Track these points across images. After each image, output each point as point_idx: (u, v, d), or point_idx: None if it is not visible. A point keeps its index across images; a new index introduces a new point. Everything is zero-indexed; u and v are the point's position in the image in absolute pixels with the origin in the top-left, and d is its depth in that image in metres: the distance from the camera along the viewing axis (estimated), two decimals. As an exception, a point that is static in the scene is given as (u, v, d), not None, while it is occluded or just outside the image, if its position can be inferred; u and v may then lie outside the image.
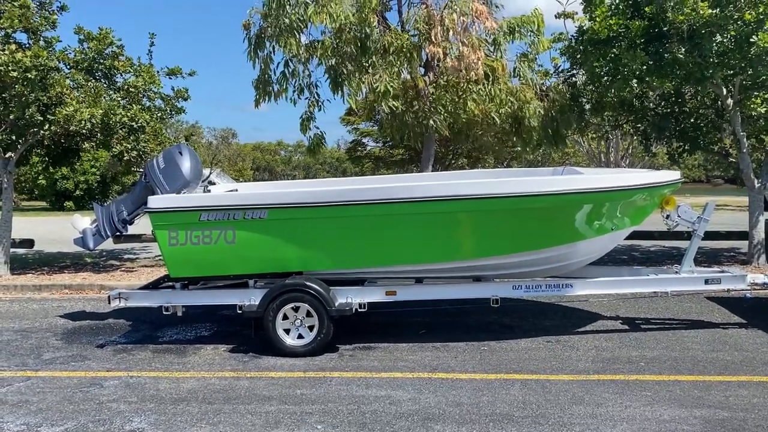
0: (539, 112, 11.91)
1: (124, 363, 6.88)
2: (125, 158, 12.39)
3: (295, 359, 6.81)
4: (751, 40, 9.42)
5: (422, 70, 11.81)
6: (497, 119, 11.59)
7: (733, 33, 9.59)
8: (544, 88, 12.80)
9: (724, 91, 11.12)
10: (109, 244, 10.46)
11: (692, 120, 12.41)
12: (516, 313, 8.57)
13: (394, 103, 10.94)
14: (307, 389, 5.95)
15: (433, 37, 10.52)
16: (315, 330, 6.92)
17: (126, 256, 14.80)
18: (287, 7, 10.38)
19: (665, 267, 8.97)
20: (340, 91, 11.19)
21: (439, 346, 7.20)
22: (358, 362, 6.74)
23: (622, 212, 7.34)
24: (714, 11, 9.52)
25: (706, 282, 7.53)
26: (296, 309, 6.96)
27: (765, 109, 11.59)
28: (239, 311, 7.09)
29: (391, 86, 10.63)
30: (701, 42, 9.70)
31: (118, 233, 7.92)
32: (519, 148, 13.11)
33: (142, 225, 8.47)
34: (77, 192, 33.16)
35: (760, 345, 7.02)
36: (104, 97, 11.94)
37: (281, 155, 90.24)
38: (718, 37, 9.63)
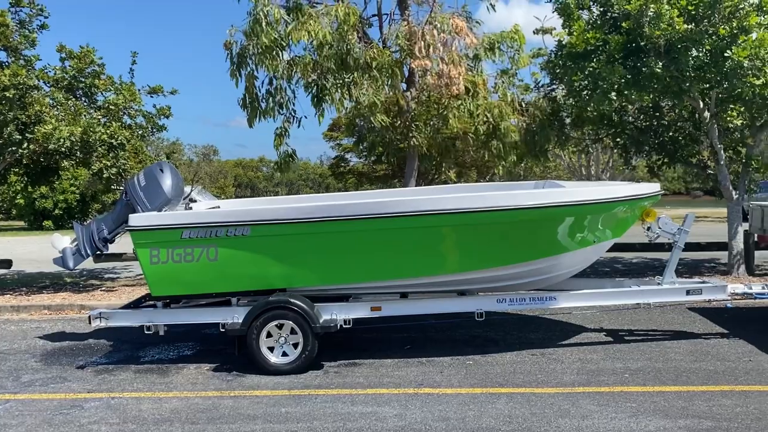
0: (521, 126, 12.02)
1: (105, 384, 6.77)
2: (105, 176, 12.27)
3: (279, 377, 6.75)
4: (726, 54, 9.60)
5: (404, 86, 11.88)
6: (475, 136, 11.68)
7: (708, 47, 9.77)
8: (525, 103, 12.94)
9: (701, 104, 11.30)
10: (89, 264, 10.34)
11: (670, 133, 12.59)
12: (501, 327, 8.57)
13: (383, 117, 10.99)
14: (292, 407, 5.89)
15: (417, 52, 10.60)
16: (299, 347, 6.86)
17: (107, 276, 14.61)
18: (264, 24, 10.39)
19: (647, 279, 9.04)
20: (320, 107, 11.24)
21: (425, 361, 7.18)
22: (343, 379, 6.69)
23: (604, 225, 7.40)
24: (689, 26, 9.69)
25: (688, 293, 7.60)
26: (280, 326, 6.91)
27: (741, 121, 11.82)
28: (222, 329, 7.02)
29: (379, 99, 10.68)
30: (678, 56, 9.86)
31: (98, 252, 7.83)
32: (497, 162, 13.15)
33: (123, 244, 8.38)
34: (56, 211, 32.70)
35: (741, 354, 7.08)
36: (84, 115, 11.85)
37: (263, 171, 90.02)
38: (694, 52, 9.80)
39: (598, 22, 10.63)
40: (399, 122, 11.62)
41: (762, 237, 10.34)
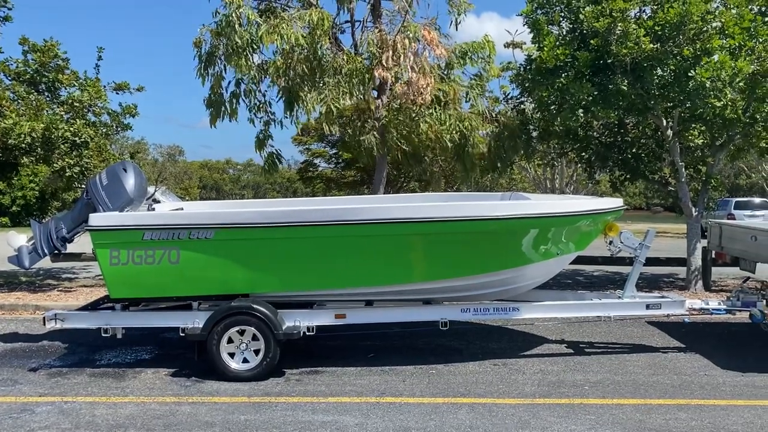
0: (488, 135, 12.13)
1: (58, 387, 6.57)
2: (67, 174, 11.98)
3: (239, 384, 6.65)
4: (690, 74, 9.84)
5: (375, 92, 11.88)
6: (448, 143, 11.73)
7: (672, 67, 10.00)
8: (495, 114, 13.06)
9: (664, 122, 11.56)
10: (46, 263, 10.06)
11: (634, 150, 12.84)
12: (464, 336, 8.60)
13: (334, 128, 10.98)
14: (252, 414, 5.80)
15: (384, 62, 10.61)
16: (261, 354, 6.77)
17: (64, 276, 14.23)
18: (237, 26, 10.29)
19: (608, 292, 9.18)
20: (291, 112, 11.18)
21: (388, 370, 7.15)
22: (304, 387, 6.62)
23: (568, 237, 7.49)
24: (655, 46, 9.92)
25: (648, 307, 7.74)
26: (242, 332, 6.81)
27: (702, 140, 12.12)
28: (182, 334, 6.89)
29: (336, 106, 10.64)
30: (643, 75, 10.07)
31: (56, 252, 7.62)
32: (466, 174, 13.22)
33: (82, 243, 8.17)
34: (14, 208, 31.87)
35: (697, 369, 7.23)
36: (46, 111, 11.56)
37: (230, 174, 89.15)
38: (659, 71, 10.03)
39: (568, 38, 10.80)
40: (369, 126, 11.59)
41: (719, 254, 10.58)
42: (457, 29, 11.99)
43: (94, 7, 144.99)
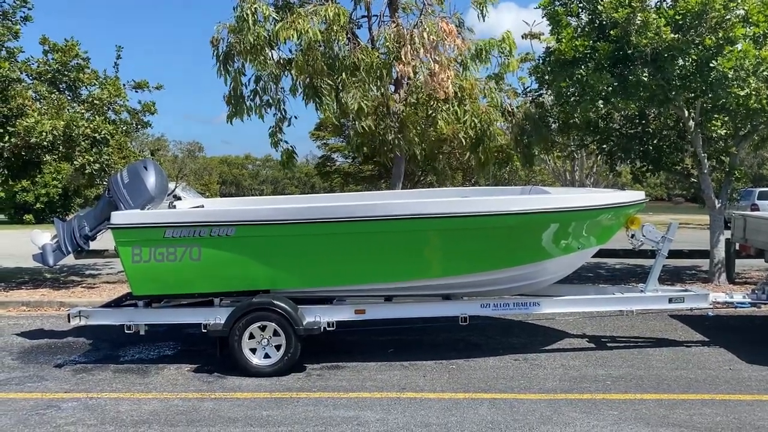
0: (509, 128, 12.06)
1: (83, 384, 6.67)
2: (88, 171, 12.11)
3: (261, 379, 6.69)
4: (711, 64, 9.69)
5: (392, 87, 11.85)
6: (463, 140, 11.67)
7: (694, 57, 9.85)
8: (512, 108, 12.96)
9: (686, 113, 11.39)
10: (69, 260, 10.19)
11: (655, 141, 12.68)
12: (484, 331, 8.57)
13: (367, 122, 10.94)
14: (274, 410, 5.84)
15: (402, 56, 10.56)
16: (282, 349, 6.81)
17: (87, 272, 14.43)
18: (252, 23, 10.30)
19: (630, 285, 9.09)
20: (320, 107, 11.16)
21: (408, 365, 7.16)
22: (325, 382, 6.64)
23: (589, 232, 7.43)
24: (676, 36, 9.77)
25: (670, 301, 7.65)
26: (263, 328, 6.85)
27: (725, 131, 11.92)
28: (204, 330, 6.95)
29: (365, 104, 10.62)
30: (664, 65, 9.94)
31: (79, 249, 7.71)
32: (483, 168, 13.14)
33: (104, 240, 8.27)
34: (38, 205, 32.31)
35: (722, 363, 7.14)
36: (67, 109, 11.69)
37: (249, 169, 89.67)
38: (680, 61, 9.88)
39: (587, 29, 10.68)
40: (385, 124, 11.55)
41: (743, 246, 10.42)
42: (484, 20, 11.81)
43: None
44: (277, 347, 6.84)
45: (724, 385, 6.42)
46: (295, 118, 12.01)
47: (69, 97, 12.18)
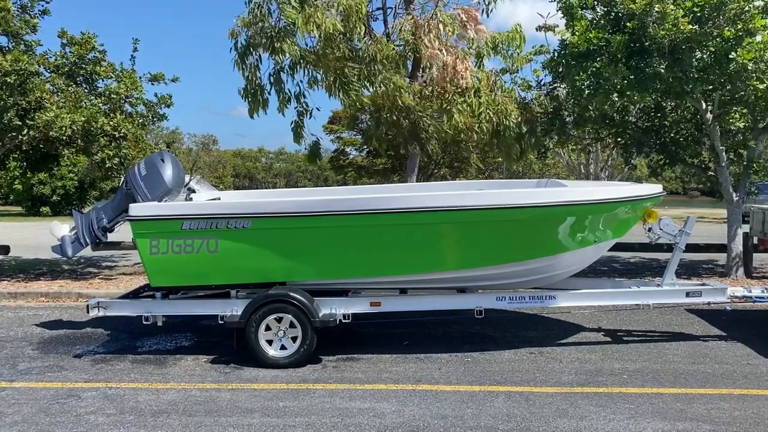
0: (523, 120, 12.02)
1: (102, 374, 6.75)
2: (107, 165, 12.24)
3: (277, 371, 6.74)
4: (730, 56, 9.57)
5: (407, 80, 11.83)
6: (479, 133, 11.64)
7: (712, 49, 9.73)
8: (526, 101, 12.90)
9: (704, 105, 11.27)
10: (87, 251, 10.30)
11: (672, 134, 12.56)
12: (499, 325, 8.57)
13: (408, 100, 10.85)
14: (290, 401, 5.88)
15: (427, 43, 10.53)
16: (298, 341, 6.86)
17: (105, 264, 14.57)
18: (268, 17, 10.33)
19: (646, 279, 9.04)
20: (347, 96, 11.14)
21: (423, 358, 7.17)
22: (341, 374, 6.68)
23: (605, 225, 7.39)
24: (694, 27, 9.65)
25: (688, 295, 7.60)
26: (279, 320, 6.90)
27: (743, 123, 11.79)
28: (221, 321, 7.00)
29: (400, 84, 10.59)
30: (682, 57, 9.83)
31: (97, 241, 7.80)
32: (500, 159, 13.13)
33: (121, 232, 8.35)
34: (54, 197, 32.61)
35: (740, 357, 7.09)
36: (85, 102, 11.78)
37: (262, 162, 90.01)
38: (698, 53, 9.76)
39: (602, 21, 10.58)
40: (403, 116, 11.54)
41: (762, 240, 10.33)
42: (488, 16, 11.81)
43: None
44: (293, 339, 6.89)
45: (742, 379, 6.38)
46: (318, 110, 12.06)
47: (86, 90, 12.27)
